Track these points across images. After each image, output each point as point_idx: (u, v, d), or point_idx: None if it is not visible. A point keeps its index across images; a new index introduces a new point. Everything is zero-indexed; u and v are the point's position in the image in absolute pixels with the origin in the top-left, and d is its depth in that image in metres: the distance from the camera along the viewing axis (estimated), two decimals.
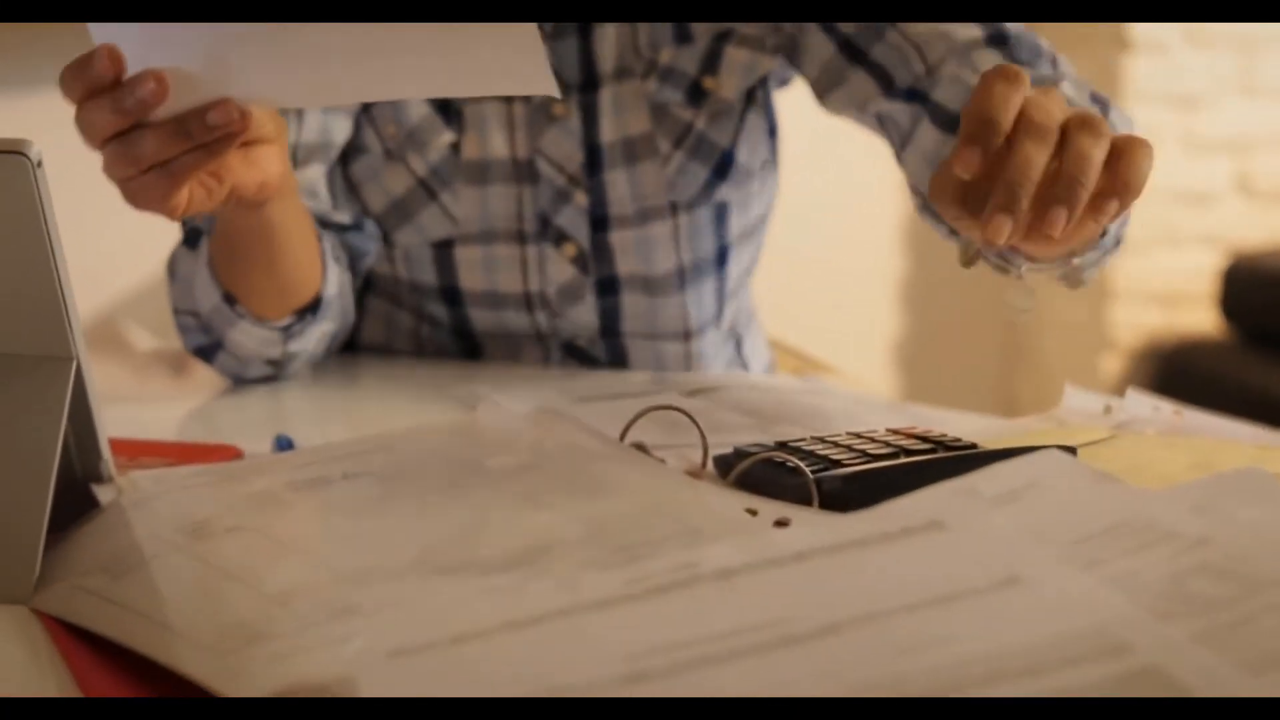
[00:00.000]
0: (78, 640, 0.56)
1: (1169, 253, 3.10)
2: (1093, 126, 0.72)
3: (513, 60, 0.73)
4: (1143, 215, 3.06)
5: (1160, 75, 3.03)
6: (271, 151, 0.88)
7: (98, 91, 0.77)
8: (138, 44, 0.76)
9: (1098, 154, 0.71)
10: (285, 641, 0.50)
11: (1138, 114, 3.02)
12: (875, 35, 1.10)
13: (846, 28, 1.11)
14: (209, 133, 0.78)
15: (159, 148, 0.78)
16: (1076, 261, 0.83)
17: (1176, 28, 3.01)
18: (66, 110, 0.78)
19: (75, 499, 0.68)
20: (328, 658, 0.48)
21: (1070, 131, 0.72)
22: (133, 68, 0.76)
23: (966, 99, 0.95)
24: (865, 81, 1.11)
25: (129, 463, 0.78)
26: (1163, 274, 3.10)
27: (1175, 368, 3.04)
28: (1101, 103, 1.00)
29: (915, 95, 1.07)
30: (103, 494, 0.69)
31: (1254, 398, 2.76)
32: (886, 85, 1.09)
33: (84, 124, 0.78)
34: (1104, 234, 0.84)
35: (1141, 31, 3.00)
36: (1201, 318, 3.11)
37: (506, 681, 0.43)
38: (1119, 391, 0.93)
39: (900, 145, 1.08)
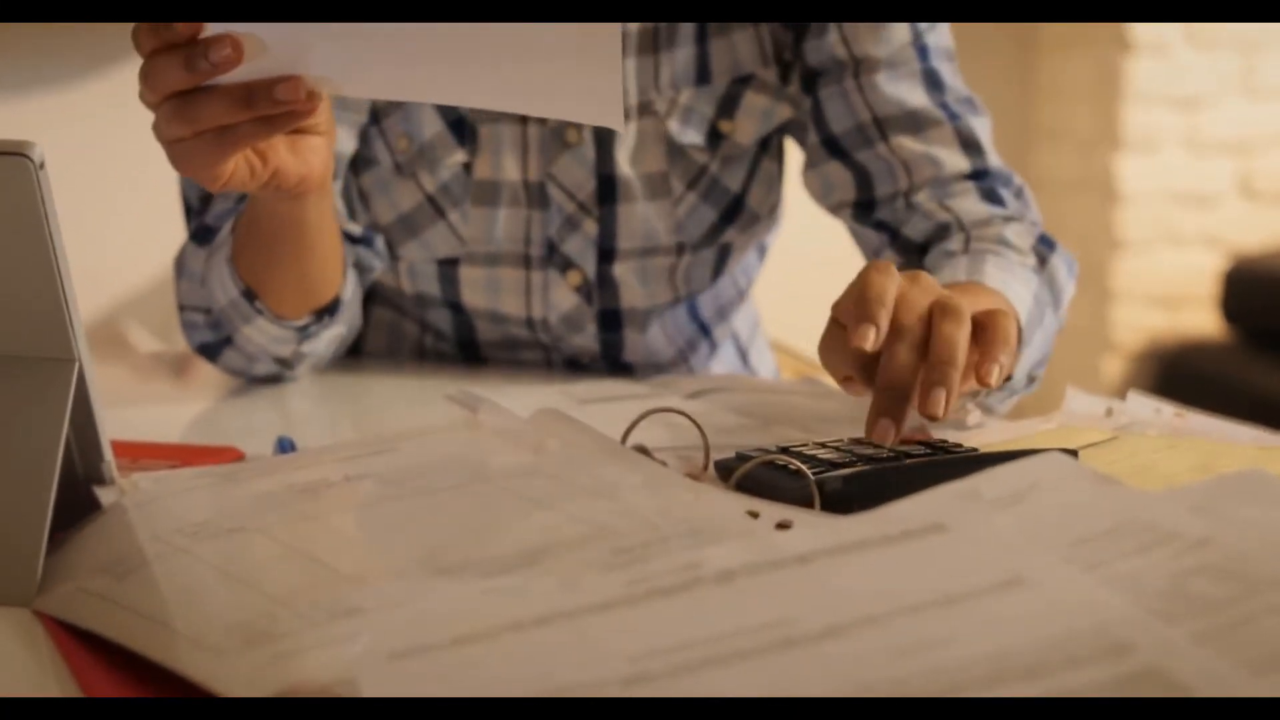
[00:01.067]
0: (80, 642, 0.56)
1: (1170, 254, 3.10)
2: (952, 312, 0.77)
3: (588, 88, 0.72)
4: (1144, 216, 3.08)
5: (1161, 76, 3.03)
6: (320, 144, 0.87)
7: (170, 45, 0.75)
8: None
9: (960, 336, 0.76)
10: (287, 642, 0.50)
11: (1139, 115, 3.04)
12: (865, 141, 1.11)
13: (838, 125, 1.12)
14: (274, 106, 0.76)
15: (220, 112, 0.76)
16: (972, 405, 0.89)
17: (1178, 28, 3.01)
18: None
19: (77, 501, 0.68)
20: (330, 658, 0.48)
21: (934, 320, 0.77)
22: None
23: (931, 231, 1.06)
24: (844, 177, 1.12)
25: (131, 464, 0.78)
26: (1164, 275, 3.10)
27: (1176, 369, 3.04)
28: (1049, 244, 1.05)
29: (883, 226, 1.11)
30: (104, 496, 0.69)
31: (1255, 399, 2.76)
32: (865, 190, 1.11)
33: (149, 76, 0.76)
34: (1009, 378, 0.87)
35: (1142, 32, 3.00)
36: (1203, 319, 3.11)
37: (508, 683, 0.44)
38: (1120, 393, 0.94)
39: (870, 256, 1.14)
